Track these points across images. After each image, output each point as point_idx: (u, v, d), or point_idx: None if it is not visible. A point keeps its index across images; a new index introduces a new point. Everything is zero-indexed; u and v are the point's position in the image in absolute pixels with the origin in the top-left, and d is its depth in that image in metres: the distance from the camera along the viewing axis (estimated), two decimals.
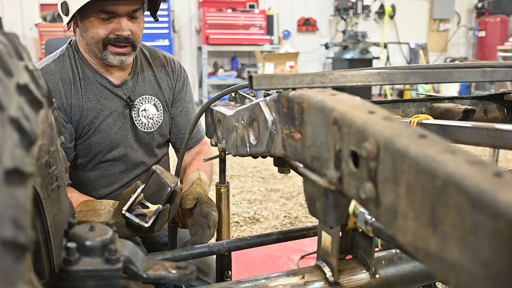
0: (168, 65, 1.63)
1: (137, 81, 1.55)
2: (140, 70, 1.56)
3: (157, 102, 1.58)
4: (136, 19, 1.42)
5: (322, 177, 0.61)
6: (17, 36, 0.62)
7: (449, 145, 0.43)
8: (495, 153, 1.65)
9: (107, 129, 1.48)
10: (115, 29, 1.38)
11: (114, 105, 1.49)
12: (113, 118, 1.49)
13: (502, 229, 0.33)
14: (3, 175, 0.40)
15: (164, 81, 1.60)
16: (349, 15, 8.62)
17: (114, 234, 0.65)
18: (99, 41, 1.39)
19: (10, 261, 0.37)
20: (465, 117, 1.02)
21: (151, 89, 1.57)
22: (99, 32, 1.38)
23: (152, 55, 1.62)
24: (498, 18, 9.29)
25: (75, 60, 1.48)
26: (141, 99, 1.55)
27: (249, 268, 2.42)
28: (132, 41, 1.42)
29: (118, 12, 1.36)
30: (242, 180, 4.07)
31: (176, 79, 1.63)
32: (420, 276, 0.87)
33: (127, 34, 1.39)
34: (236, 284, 0.79)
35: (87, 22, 1.38)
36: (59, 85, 1.42)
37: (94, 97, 1.47)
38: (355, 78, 0.75)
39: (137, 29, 1.42)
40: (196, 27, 8.11)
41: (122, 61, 1.43)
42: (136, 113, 1.54)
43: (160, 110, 1.59)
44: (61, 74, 1.44)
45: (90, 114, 1.46)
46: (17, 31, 6.86)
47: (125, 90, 1.51)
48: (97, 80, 1.48)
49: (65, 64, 1.46)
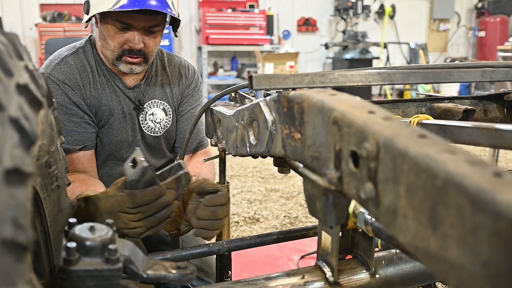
0: (183, 71, 1.65)
1: (150, 85, 1.57)
2: (155, 74, 1.58)
3: (166, 107, 1.59)
4: (152, 33, 1.43)
5: (322, 177, 0.61)
6: (17, 36, 0.62)
7: (449, 145, 0.43)
8: (495, 153, 1.65)
9: (118, 127, 1.51)
10: (128, 40, 1.40)
11: (126, 106, 1.52)
12: (123, 118, 1.52)
13: (502, 229, 0.33)
14: (3, 175, 0.40)
15: (176, 86, 1.62)
16: (349, 15, 8.61)
17: (114, 234, 0.65)
18: (114, 51, 1.42)
19: (10, 261, 0.37)
20: (465, 117, 1.02)
21: (163, 94, 1.59)
22: (114, 42, 1.41)
23: (168, 60, 1.63)
24: (498, 18, 9.29)
25: (94, 55, 1.50)
26: (150, 103, 1.56)
27: (249, 268, 2.42)
28: (144, 53, 1.43)
29: (134, 25, 1.38)
30: (242, 180, 4.07)
31: (187, 84, 1.65)
32: (420, 276, 0.87)
33: (139, 47, 1.41)
34: (236, 284, 0.79)
35: (104, 27, 1.41)
36: (77, 77, 1.45)
37: (110, 95, 1.50)
38: (355, 78, 0.75)
39: (152, 44, 1.44)
40: (196, 27, 8.11)
41: (132, 69, 1.45)
42: (144, 116, 1.55)
43: (169, 115, 1.60)
44: (79, 67, 1.46)
45: (106, 110, 1.49)
46: (17, 31, 6.86)
47: (136, 94, 1.53)
48: (112, 79, 1.50)
49: (83, 58, 1.49)
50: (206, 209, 1.03)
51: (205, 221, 1.03)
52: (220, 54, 8.36)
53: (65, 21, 6.79)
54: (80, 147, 1.44)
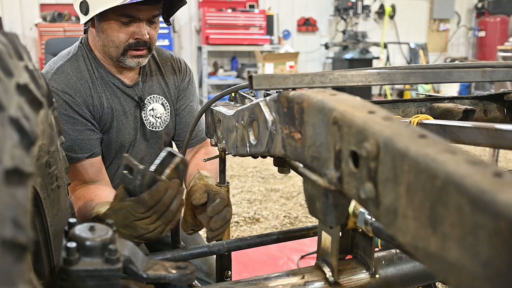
0: (175, 65, 1.65)
1: (146, 81, 1.57)
2: (149, 69, 1.58)
3: (164, 102, 1.60)
4: (154, 23, 1.44)
5: (322, 177, 0.61)
6: (17, 36, 0.62)
7: (449, 145, 0.43)
8: (495, 153, 1.65)
9: (122, 128, 1.51)
10: (134, 33, 1.40)
11: (127, 105, 1.52)
12: (126, 118, 1.52)
13: (502, 229, 0.33)
14: (3, 175, 0.40)
15: (171, 80, 1.62)
16: (349, 15, 8.61)
17: (114, 234, 0.65)
18: (120, 46, 1.41)
19: (10, 261, 0.37)
20: (465, 117, 1.02)
21: (159, 88, 1.59)
22: (120, 37, 1.39)
23: (159, 54, 1.63)
24: (498, 18, 9.28)
25: (89, 59, 1.49)
26: (150, 98, 1.57)
27: (249, 268, 2.42)
28: (149, 45, 1.44)
29: (140, 17, 1.38)
30: (242, 180, 4.07)
31: (181, 78, 1.65)
32: (420, 276, 0.87)
33: (147, 38, 1.41)
34: (236, 284, 0.79)
35: (106, 24, 1.39)
36: (77, 84, 1.43)
37: (111, 97, 1.49)
38: (355, 78, 0.75)
39: (154, 33, 1.45)
40: (196, 27, 8.11)
41: (139, 62, 1.45)
42: (145, 112, 1.56)
43: (168, 109, 1.61)
44: (76, 74, 1.45)
45: (110, 113, 1.48)
46: (17, 31, 6.86)
47: (136, 91, 1.53)
48: (110, 80, 1.50)
49: (79, 64, 1.47)
50: (218, 219, 1.12)
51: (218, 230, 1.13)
52: (220, 54, 8.36)
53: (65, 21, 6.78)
54: (88, 155, 1.42)
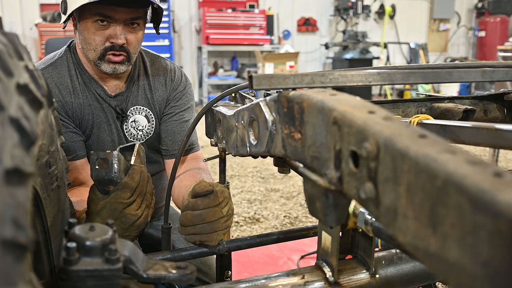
0: (168, 75, 1.56)
1: (132, 91, 1.51)
2: (137, 78, 1.52)
3: (149, 113, 1.53)
4: (134, 28, 1.37)
5: (322, 177, 0.61)
6: (17, 36, 0.62)
7: (449, 145, 0.43)
8: (495, 153, 1.65)
9: (104, 136, 1.48)
10: (110, 36, 1.34)
11: (110, 114, 1.48)
12: (108, 126, 1.48)
13: (502, 229, 0.33)
14: (3, 175, 0.40)
15: (159, 91, 1.54)
16: (349, 15, 8.62)
17: (114, 234, 0.65)
18: (97, 49, 1.36)
19: (10, 261, 0.37)
20: (465, 117, 1.02)
21: (145, 100, 1.52)
22: (96, 39, 1.34)
23: (153, 63, 1.56)
24: (498, 18, 9.29)
25: (74, 64, 1.45)
26: (133, 109, 1.51)
27: (249, 268, 2.42)
28: (127, 50, 1.37)
29: (116, 17, 1.32)
30: (242, 180, 4.07)
31: (173, 88, 1.56)
32: (420, 276, 0.87)
33: (122, 42, 1.35)
34: (236, 284, 0.79)
35: (84, 25, 1.35)
36: (54, 90, 1.40)
37: (92, 103, 1.45)
38: (355, 78, 0.75)
39: (134, 39, 1.37)
40: (196, 27, 8.11)
41: (116, 69, 1.38)
42: (127, 124, 1.51)
43: (152, 121, 1.54)
44: (56, 79, 1.41)
45: (90, 119, 1.45)
46: (17, 31, 6.86)
47: (118, 102, 1.48)
48: (93, 87, 1.45)
49: (62, 69, 1.43)
50: (189, 213, 0.97)
51: (192, 227, 0.97)
52: (220, 54, 8.37)
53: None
54: (71, 157, 1.39)
